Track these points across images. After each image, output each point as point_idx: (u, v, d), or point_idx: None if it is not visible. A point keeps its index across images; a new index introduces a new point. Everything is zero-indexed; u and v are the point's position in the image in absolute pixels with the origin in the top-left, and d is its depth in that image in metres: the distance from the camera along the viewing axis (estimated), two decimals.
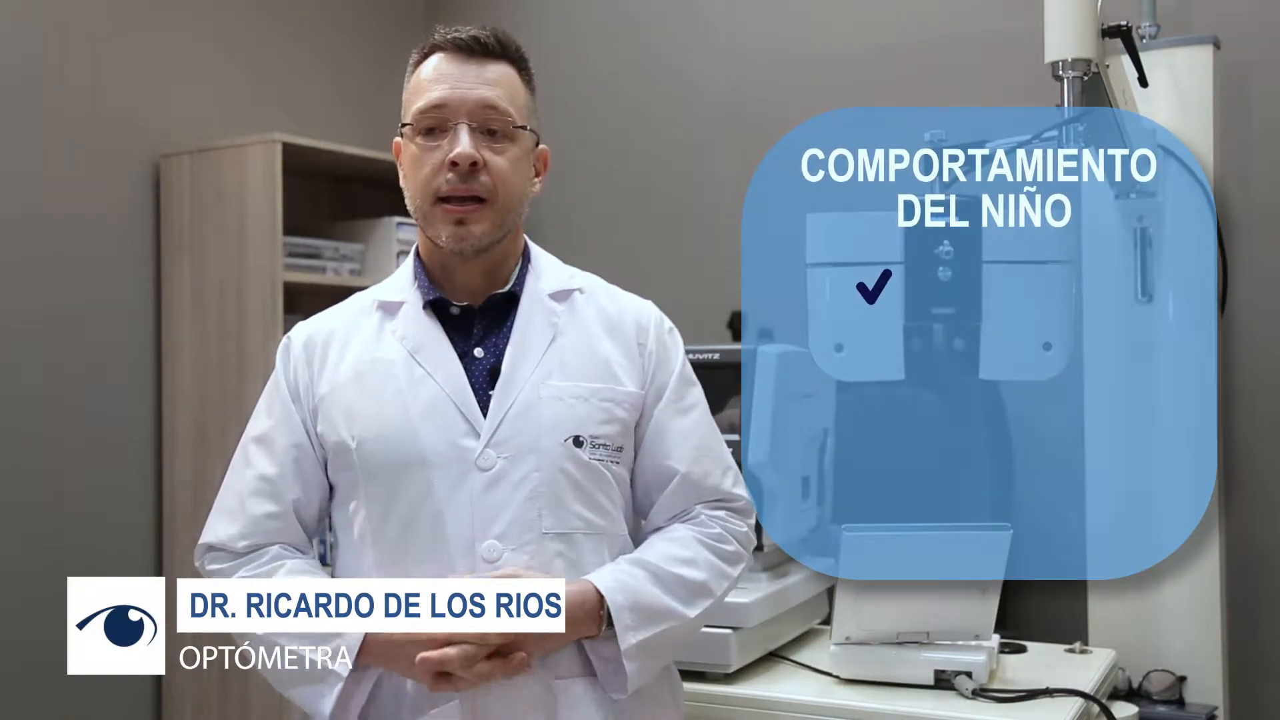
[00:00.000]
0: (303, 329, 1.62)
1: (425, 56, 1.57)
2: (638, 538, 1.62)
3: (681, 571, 1.53)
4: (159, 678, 3.03)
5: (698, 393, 1.66)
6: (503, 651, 1.41)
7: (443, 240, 1.53)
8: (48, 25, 2.88)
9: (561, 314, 1.59)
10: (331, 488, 1.59)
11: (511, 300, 1.58)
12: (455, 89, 1.52)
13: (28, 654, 2.77)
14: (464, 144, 1.50)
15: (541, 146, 1.61)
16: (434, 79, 1.54)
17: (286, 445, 1.56)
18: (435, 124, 1.52)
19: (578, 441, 1.52)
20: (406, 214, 1.59)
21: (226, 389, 2.93)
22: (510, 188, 1.54)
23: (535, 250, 1.65)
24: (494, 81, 1.54)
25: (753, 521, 1.65)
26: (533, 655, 1.44)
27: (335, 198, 3.44)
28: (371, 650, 1.45)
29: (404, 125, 1.56)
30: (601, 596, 1.46)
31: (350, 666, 1.44)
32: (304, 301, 2.93)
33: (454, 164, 1.50)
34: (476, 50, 1.54)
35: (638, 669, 1.48)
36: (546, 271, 1.63)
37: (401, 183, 1.59)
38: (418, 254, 1.63)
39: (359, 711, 1.50)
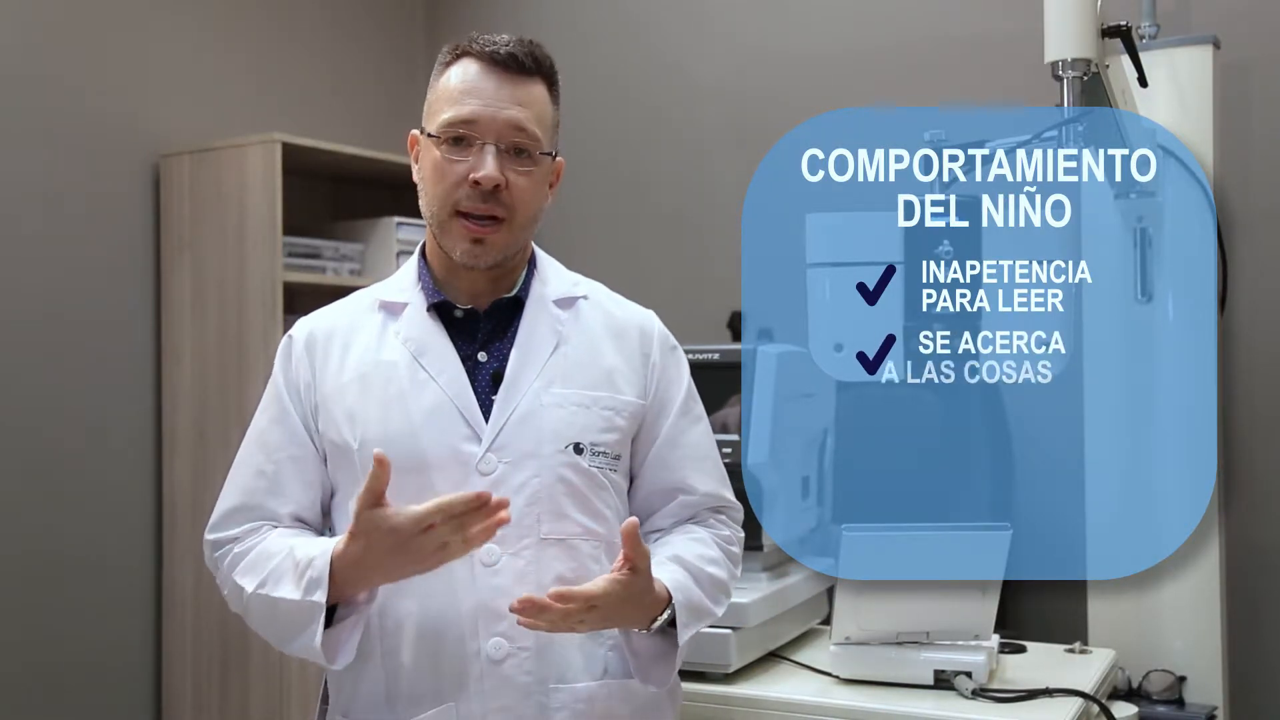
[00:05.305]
0: (304, 325, 1.61)
1: (456, 58, 1.54)
2: None
3: (712, 571, 1.57)
4: (159, 677, 3.03)
5: (701, 405, 1.68)
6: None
7: (456, 255, 1.53)
8: (48, 25, 2.88)
9: (565, 321, 1.59)
10: (331, 486, 1.58)
11: (516, 305, 1.58)
12: (487, 107, 1.49)
13: (28, 654, 2.78)
14: (489, 167, 1.48)
15: (558, 159, 1.60)
16: (465, 90, 1.51)
17: (284, 443, 1.56)
18: (462, 137, 1.50)
19: (578, 448, 1.53)
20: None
21: (226, 389, 2.93)
22: (529, 207, 1.53)
23: (541, 256, 1.65)
24: (526, 102, 1.51)
25: (741, 525, 1.69)
26: (591, 629, 1.45)
27: (335, 198, 3.44)
28: (347, 577, 1.41)
29: (428, 133, 1.53)
30: (669, 595, 1.48)
31: (325, 594, 1.40)
32: (304, 301, 2.93)
33: (476, 183, 1.48)
34: (512, 67, 1.51)
35: (680, 663, 1.53)
36: (552, 277, 1.63)
37: (416, 178, 1.57)
38: (423, 255, 1.62)
39: (354, 644, 1.47)
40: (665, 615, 1.48)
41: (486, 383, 1.54)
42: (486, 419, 1.51)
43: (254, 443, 1.59)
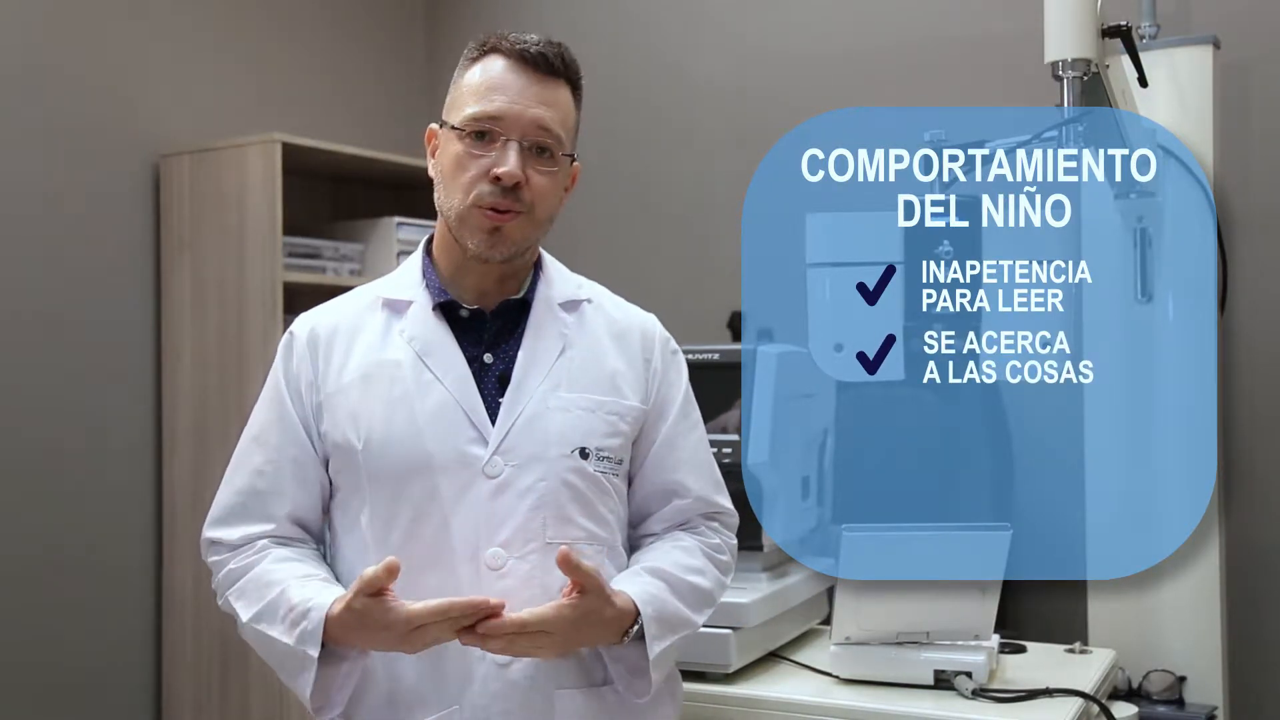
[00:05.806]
0: (305, 322, 1.60)
1: (484, 54, 1.54)
2: (630, 545, 1.63)
3: (694, 580, 1.56)
4: (159, 677, 3.03)
5: (698, 411, 1.68)
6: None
7: (472, 245, 1.52)
8: (47, 25, 2.88)
9: (571, 324, 1.59)
10: (332, 486, 1.57)
11: (522, 307, 1.58)
12: (514, 104, 1.50)
13: (28, 654, 2.78)
14: (511, 163, 1.48)
15: (576, 163, 1.60)
16: (492, 86, 1.51)
17: (282, 443, 1.55)
18: (486, 132, 1.50)
19: (583, 453, 1.53)
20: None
21: (226, 389, 2.93)
22: (547, 205, 1.53)
23: (547, 258, 1.65)
24: (552, 103, 1.52)
25: (735, 532, 1.69)
26: (552, 654, 1.45)
27: (335, 198, 3.44)
28: (339, 636, 1.42)
29: (451, 125, 1.53)
30: (636, 608, 1.48)
31: (317, 650, 1.41)
32: (304, 301, 2.90)
33: (497, 178, 1.48)
34: (541, 66, 1.52)
35: (659, 674, 1.51)
36: (556, 280, 1.63)
37: (432, 171, 1.57)
38: (428, 252, 1.61)
39: (345, 694, 1.48)
40: (635, 629, 1.48)
41: (493, 385, 1.53)
42: (492, 421, 1.50)
43: (253, 441, 1.58)
